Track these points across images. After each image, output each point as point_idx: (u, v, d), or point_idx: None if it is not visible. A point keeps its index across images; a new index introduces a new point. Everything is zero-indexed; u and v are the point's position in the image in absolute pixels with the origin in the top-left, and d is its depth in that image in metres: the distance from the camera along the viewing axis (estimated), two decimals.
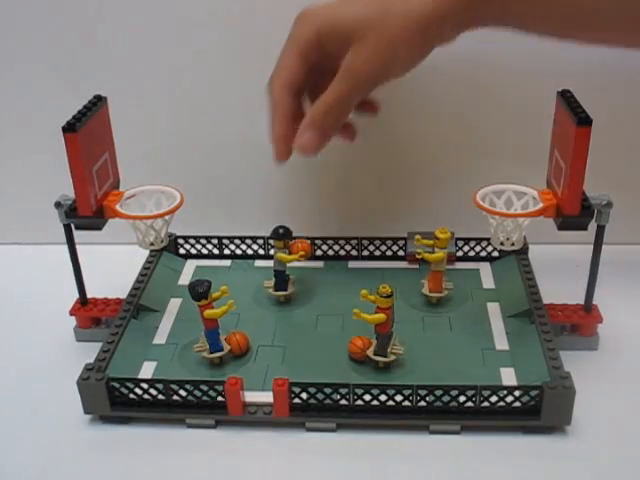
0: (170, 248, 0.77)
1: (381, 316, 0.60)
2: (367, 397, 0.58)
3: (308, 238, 0.76)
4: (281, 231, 0.69)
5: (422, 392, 0.57)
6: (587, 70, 0.75)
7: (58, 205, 0.64)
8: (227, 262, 0.78)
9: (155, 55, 0.77)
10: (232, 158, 0.81)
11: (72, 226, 0.65)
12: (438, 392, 0.57)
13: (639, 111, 0.77)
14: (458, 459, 0.56)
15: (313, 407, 0.58)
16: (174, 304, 0.72)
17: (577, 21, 0.61)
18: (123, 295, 0.70)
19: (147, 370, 0.63)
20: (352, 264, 0.77)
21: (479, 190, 0.66)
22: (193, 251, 0.79)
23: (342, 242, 0.77)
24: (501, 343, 0.65)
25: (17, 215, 0.85)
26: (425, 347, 0.65)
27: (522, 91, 0.76)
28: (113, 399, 0.59)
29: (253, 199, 0.84)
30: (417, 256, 0.70)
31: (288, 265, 0.71)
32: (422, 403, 0.57)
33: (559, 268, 0.76)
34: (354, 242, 0.77)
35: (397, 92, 0.77)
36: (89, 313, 0.69)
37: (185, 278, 0.75)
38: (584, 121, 0.58)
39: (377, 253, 0.77)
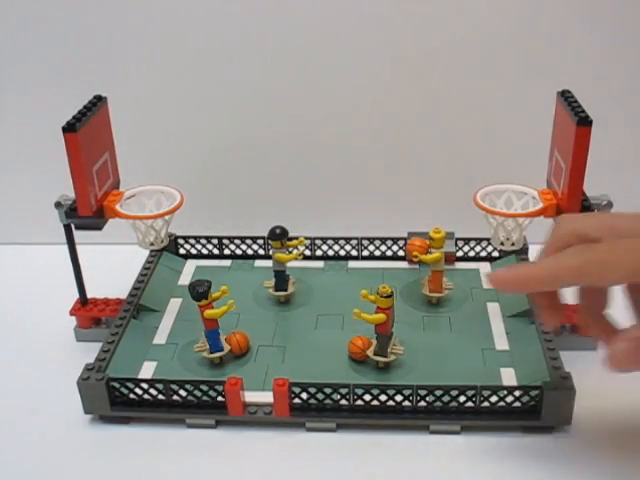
0: (170, 248, 0.77)
1: (381, 316, 0.60)
2: (367, 397, 0.58)
3: (308, 238, 0.76)
4: (278, 231, 0.69)
5: (422, 392, 0.57)
6: (587, 70, 0.75)
7: (58, 205, 0.64)
8: (227, 262, 0.78)
9: (155, 55, 0.77)
10: (232, 158, 0.82)
11: (72, 226, 0.65)
12: (438, 392, 0.57)
13: (639, 111, 0.77)
14: (458, 459, 0.56)
15: (313, 407, 0.58)
16: (174, 304, 0.72)
17: None
18: (123, 295, 0.70)
19: (147, 370, 0.63)
20: (352, 264, 0.77)
21: (479, 190, 0.66)
22: (193, 251, 0.79)
23: (342, 242, 0.77)
24: (501, 343, 0.65)
25: (17, 215, 0.85)
26: (425, 347, 0.65)
27: (522, 91, 0.76)
28: (113, 399, 0.59)
29: (253, 199, 0.84)
30: (414, 259, 0.70)
31: (288, 265, 0.71)
32: (422, 403, 0.57)
33: None
34: (354, 242, 0.77)
35: (397, 93, 0.78)
36: (89, 313, 0.69)
37: (185, 278, 0.75)
38: (584, 121, 0.58)
39: (377, 253, 0.77)
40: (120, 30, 0.76)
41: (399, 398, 0.57)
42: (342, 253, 0.78)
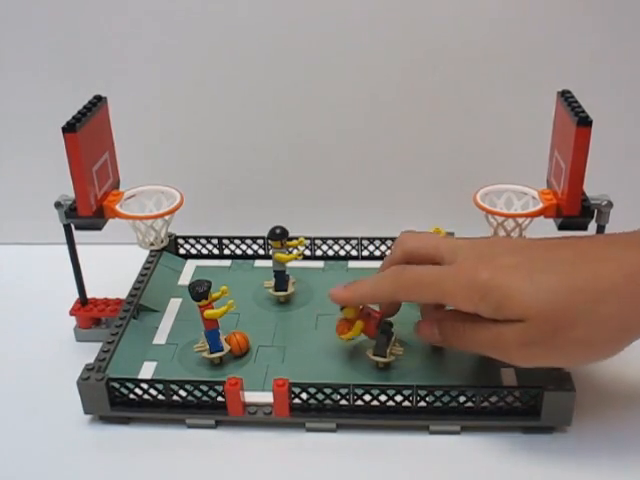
0: (170, 248, 0.76)
1: (358, 325, 0.61)
2: (367, 397, 0.58)
3: (308, 238, 0.76)
4: (278, 231, 0.69)
5: (422, 392, 0.57)
6: (587, 70, 0.75)
7: (58, 205, 0.64)
8: (227, 262, 0.78)
9: (155, 55, 0.77)
10: (232, 158, 0.82)
11: (72, 226, 0.65)
12: (438, 392, 0.57)
13: (639, 111, 0.77)
14: (458, 459, 0.56)
15: (313, 407, 0.58)
16: (174, 304, 0.71)
17: None
18: (123, 295, 0.70)
19: (147, 370, 0.63)
20: (352, 264, 0.77)
21: (479, 190, 0.66)
22: (193, 251, 0.79)
23: (342, 242, 0.77)
24: None
25: (17, 215, 0.85)
26: (425, 347, 0.64)
27: (522, 91, 0.76)
28: (113, 399, 0.59)
29: (253, 199, 0.84)
30: None
31: (288, 265, 0.71)
32: (422, 403, 0.57)
33: None
34: (354, 242, 0.77)
35: (397, 92, 0.78)
36: (89, 313, 0.69)
37: (185, 278, 0.75)
38: (584, 121, 0.58)
39: (377, 253, 0.77)
40: (120, 30, 0.76)
41: (399, 398, 0.57)
42: (342, 253, 0.77)
